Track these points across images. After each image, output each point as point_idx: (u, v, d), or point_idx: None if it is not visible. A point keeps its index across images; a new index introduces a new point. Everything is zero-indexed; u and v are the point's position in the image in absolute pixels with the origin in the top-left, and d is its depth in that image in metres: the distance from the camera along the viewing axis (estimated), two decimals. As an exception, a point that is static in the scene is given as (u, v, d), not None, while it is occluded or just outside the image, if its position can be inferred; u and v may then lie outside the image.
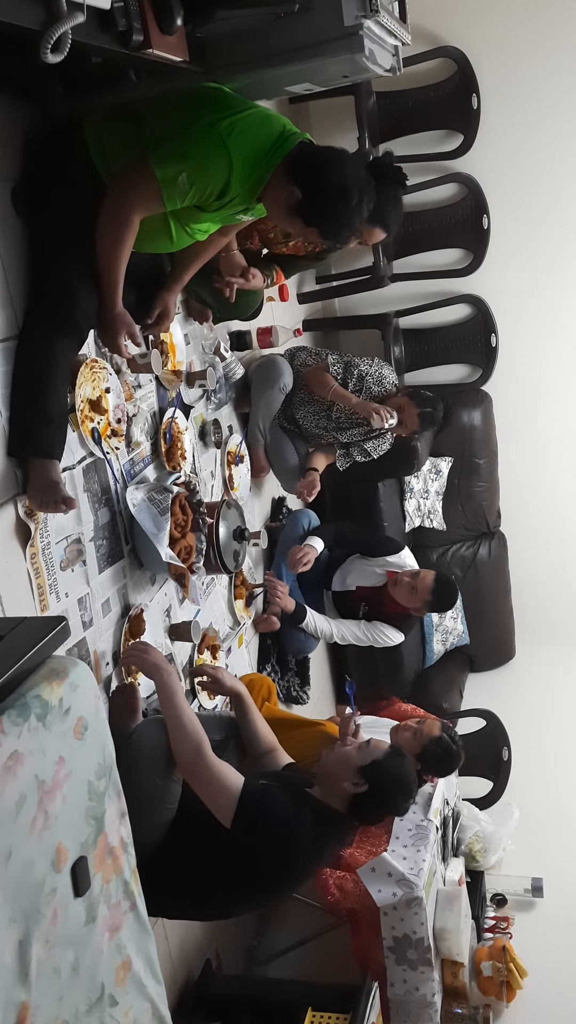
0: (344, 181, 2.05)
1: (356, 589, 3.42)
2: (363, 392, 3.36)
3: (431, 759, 2.78)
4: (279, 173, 2.03)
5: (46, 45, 1.50)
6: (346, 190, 2.05)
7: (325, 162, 2.05)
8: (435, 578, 3.27)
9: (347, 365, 3.38)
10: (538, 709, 4.37)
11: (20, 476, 1.98)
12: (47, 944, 1.31)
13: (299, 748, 2.51)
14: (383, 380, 3.40)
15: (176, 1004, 2.55)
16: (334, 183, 2.05)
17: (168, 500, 2.44)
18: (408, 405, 3.35)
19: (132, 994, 1.54)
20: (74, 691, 1.38)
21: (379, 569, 3.40)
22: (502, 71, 4.03)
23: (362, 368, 3.38)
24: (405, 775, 2.21)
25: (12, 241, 2.00)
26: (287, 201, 2.06)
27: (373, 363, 3.43)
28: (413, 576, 3.29)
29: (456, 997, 2.95)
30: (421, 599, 3.27)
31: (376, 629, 3.40)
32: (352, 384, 3.35)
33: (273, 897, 2.65)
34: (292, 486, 3.52)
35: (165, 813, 2.08)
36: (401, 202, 2.69)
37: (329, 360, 3.36)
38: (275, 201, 2.09)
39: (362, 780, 2.13)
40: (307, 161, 2.03)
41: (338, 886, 2.61)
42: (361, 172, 2.14)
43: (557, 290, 4.31)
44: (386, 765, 2.17)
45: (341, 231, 2.13)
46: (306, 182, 2.02)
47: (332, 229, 2.12)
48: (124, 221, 1.97)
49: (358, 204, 2.08)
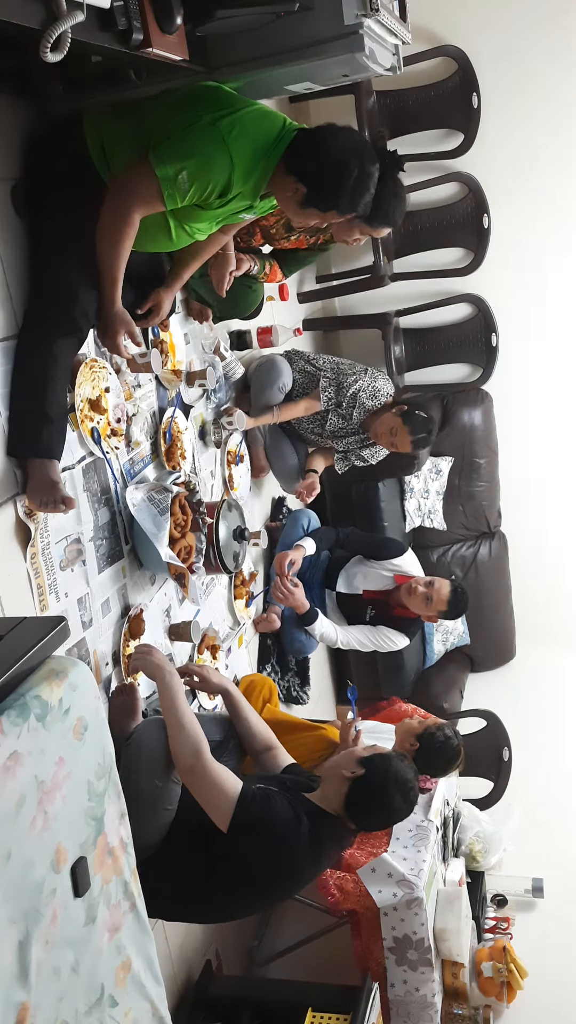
0: (338, 154, 2.04)
1: (364, 592, 3.41)
2: (358, 408, 3.34)
3: (432, 740, 2.75)
4: (282, 170, 2.03)
5: (46, 44, 1.50)
6: (343, 162, 2.03)
7: (315, 145, 2.05)
8: (451, 589, 3.26)
9: (339, 386, 3.33)
10: (539, 709, 4.37)
11: (19, 476, 1.98)
12: (47, 945, 1.31)
13: (300, 751, 2.51)
14: (377, 394, 3.35)
15: (176, 1005, 2.55)
16: (330, 161, 2.04)
17: (168, 500, 2.44)
18: (401, 430, 3.30)
19: (132, 995, 1.53)
20: (74, 691, 1.38)
21: (385, 572, 3.39)
22: (502, 70, 4.02)
23: (355, 386, 3.32)
24: (404, 774, 2.16)
25: (12, 240, 2.00)
26: (295, 197, 2.06)
27: (366, 376, 3.36)
28: (428, 586, 3.26)
29: (456, 998, 2.95)
30: (436, 609, 3.26)
31: (381, 634, 3.38)
32: (346, 403, 3.32)
33: (270, 902, 2.63)
34: (292, 486, 3.52)
35: (164, 814, 2.07)
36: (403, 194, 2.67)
37: (320, 384, 3.32)
38: (286, 200, 2.10)
39: (360, 768, 2.11)
40: (300, 152, 2.03)
41: (338, 887, 2.61)
42: (353, 136, 2.13)
43: (558, 289, 4.31)
44: (386, 759, 2.15)
45: (357, 201, 2.10)
46: (305, 173, 2.02)
47: (348, 203, 2.09)
48: (124, 220, 1.97)
49: (361, 168, 2.05)
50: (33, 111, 2.07)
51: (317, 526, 3.53)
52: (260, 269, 2.94)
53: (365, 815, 2.15)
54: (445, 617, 3.35)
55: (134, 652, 2.26)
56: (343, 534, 3.53)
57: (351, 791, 2.10)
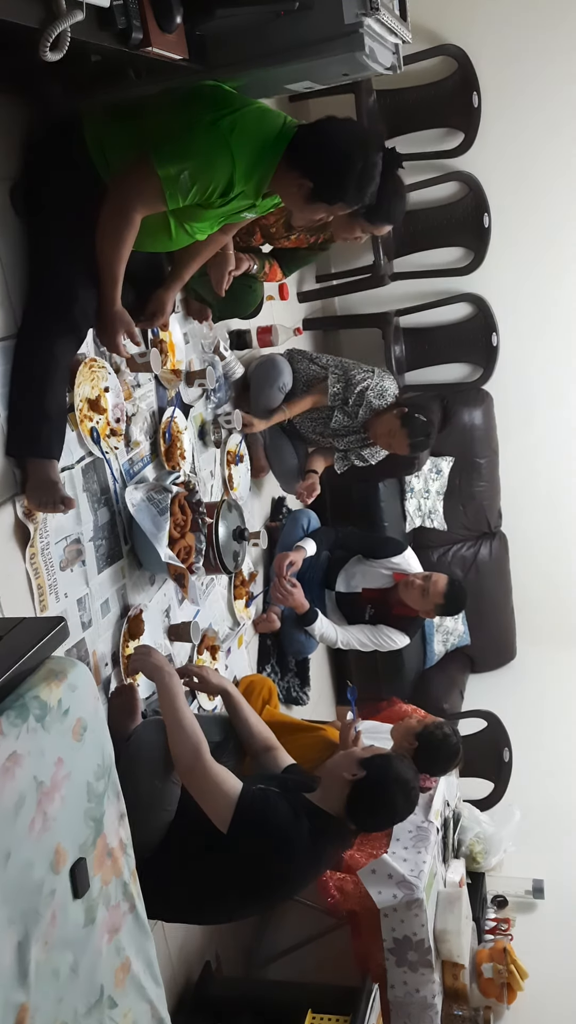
0: (342, 145, 2.04)
1: (363, 591, 3.40)
2: (364, 407, 3.33)
3: (431, 738, 2.76)
4: (283, 167, 2.03)
5: (45, 43, 1.50)
6: (348, 152, 2.03)
7: (318, 139, 2.04)
8: (448, 582, 3.25)
9: (347, 382, 3.31)
10: (539, 710, 4.37)
11: (19, 476, 1.97)
12: (46, 946, 1.30)
13: (300, 752, 2.50)
14: (384, 393, 3.34)
15: (176, 1006, 2.55)
16: (334, 153, 2.03)
17: (167, 500, 2.43)
18: (399, 432, 3.29)
19: (131, 996, 1.53)
20: (73, 692, 1.38)
21: (384, 570, 3.38)
22: (503, 69, 4.02)
23: (362, 384, 3.30)
24: (405, 774, 2.16)
25: (11, 240, 1.99)
26: (301, 193, 2.06)
27: (374, 375, 3.35)
28: (425, 579, 3.26)
29: (457, 999, 2.94)
30: (432, 602, 3.25)
31: (381, 633, 3.38)
32: (352, 400, 3.31)
33: (271, 903, 2.63)
34: (291, 487, 3.51)
35: (164, 815, 2.07)
36: (403, 192, 2.67)
37: (329, 381, 3.31)
38: (291, 196, 2.09)
39: (361, 769, 2.10)
40: (303, 147, 2.03)
41: (338, 888, 2.61)
42: (355, 128, 2.13)
43: (558, 289, 4.31)
44: (387, 760, 2.14)
45: (364, 191, 2.10)
46: (309, 168, 2.02)
47: (355, 194, 2.09)
48: (125, 219, 1.97)
49: (365, 159, 2.05)
50: (32, 111, 2.06)
51: (317, 526, 3.52)
52: (260, 268, 2.94)
53: (366, 816, 2.15)
54: (443, 612, 3.34)
55: (133, 653, 2.26)
56: (342, 534, 3.53)
57: (352, 793, 2.09)
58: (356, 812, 2.11)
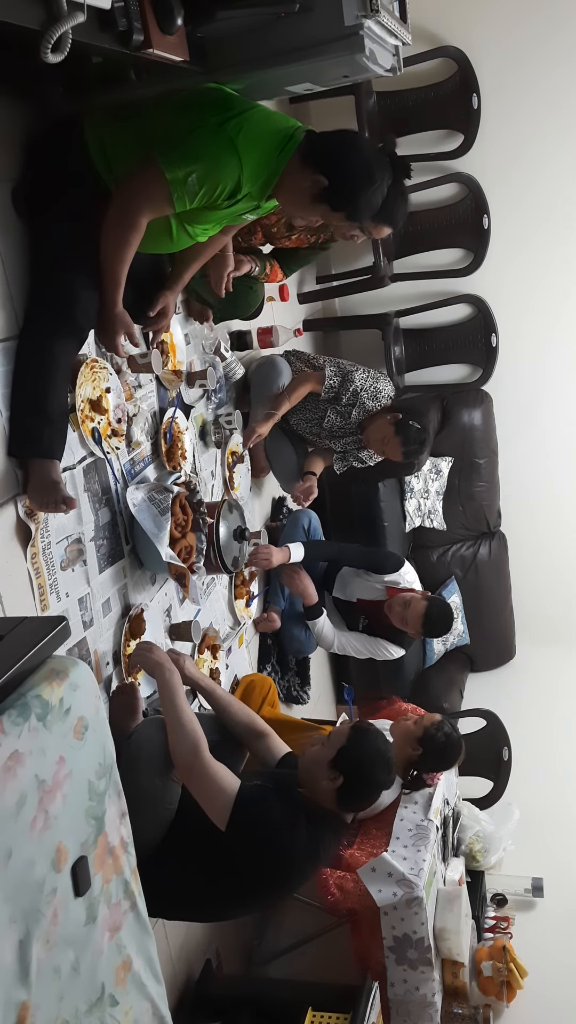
0: (368, 162, 2.08)
1: (357, 601, 3.38)
2: (357, 407, 3.32)
3: (433, 742, 2.78)
4: (293, 167, 2.03)
5: (46, 45, 1.50)
6: (371, 171, 2.07)
7: (345, 146, 2.07)
8: (426, 609, 3.14)
9: (344, 379, 3.28)
10: (538, 709, 4.37)
11: (20, 476, 1.98)
12: (47, 944, 1.31)
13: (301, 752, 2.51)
14: (378, 395, 3.32)
15: (176, 1004, 2.55)
16: (359, 165, 2.06)
17: (168, 500, 2.44)
18: (393, 440, 3.23)
19: (132, 994, 1.54)
20: (74, 691, 1.38)
21: (379, 585, 3.33)
22: (502, 71, 4.03)
23: (358, 383, 3.27)
24: (375, 749, 2.18)
25: (12, 241, 2.00)
26: (311, 190, 2.05)
27: (369, 376, 3.32)
28: (403, 606, 3.18)
29: (456, 997, 2.95)
30: (412, 628, 3.19)
31: (377, 644, 3.35)
32: (346, 399, 3.28)
33: (271, 900, 2.64)
34: (291, 487, 3.51)
35: (165, 813, 2.08)
36: (407, 196, 2.68)
37: (327, 372, 3.27)
38: (295, 193, 2.09)
39: (336, 773, 2.12)
40: (325, 148, 2.04)
41: (338, 886, 2.61)
42: (376, 151, 2.17)
43: (558, 290, 4.31)
44: (353, 748, 2.15)
45: (366, 212, 2.14)
46: (330, 169, 2.03)
47: (359, 211, 2.12)
48: (131, 223, 1.97)
49: (380, 183, 2.10)
50: (33, 112, 2.07)
51: (318, 527, 3.52)
52: (261, 270, 2.94)
53: (355, 803, 2.27)
54: (427, 635, 3.30)
55: (135, 648, 2.27)
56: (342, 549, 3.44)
57: (339, 793, 2.13)
58: (347, 804, 2.20)
